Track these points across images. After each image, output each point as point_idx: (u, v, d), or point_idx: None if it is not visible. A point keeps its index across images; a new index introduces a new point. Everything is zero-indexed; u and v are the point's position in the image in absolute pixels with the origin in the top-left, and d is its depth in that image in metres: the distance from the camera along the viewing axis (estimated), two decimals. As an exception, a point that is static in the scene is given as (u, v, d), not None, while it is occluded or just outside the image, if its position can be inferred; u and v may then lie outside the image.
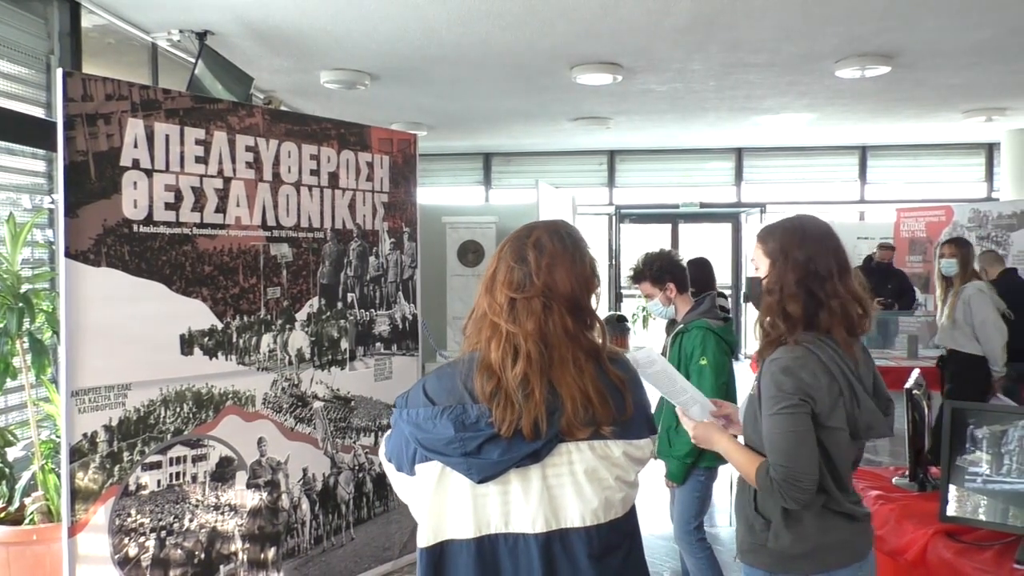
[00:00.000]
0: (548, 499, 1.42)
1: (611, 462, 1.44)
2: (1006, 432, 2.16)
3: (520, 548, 1.42)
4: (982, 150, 12.32)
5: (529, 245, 1.51)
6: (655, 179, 12.97)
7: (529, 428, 1.38)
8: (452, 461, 1.40)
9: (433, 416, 1.40)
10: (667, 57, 6.95)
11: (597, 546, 1.43)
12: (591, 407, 1.41)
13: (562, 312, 1.46)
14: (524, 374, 1.39)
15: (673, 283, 3.27)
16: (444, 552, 1.44)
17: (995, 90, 8.49)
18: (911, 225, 9.49)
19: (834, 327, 1.83)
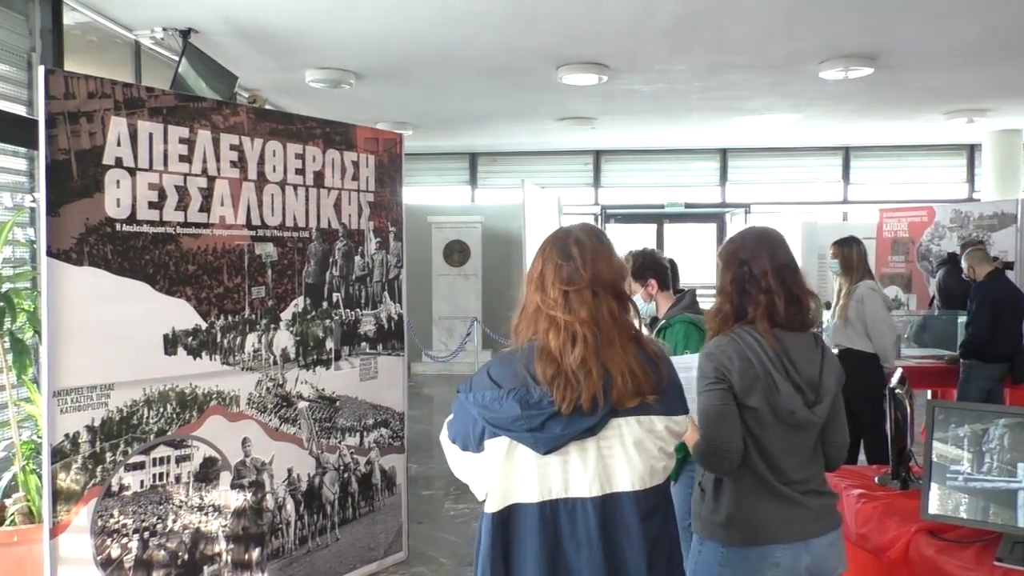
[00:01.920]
0: (603, 467, 1.63)
1: (655, 435, 1.66)
2: (987, 431, 2.19)
3: (578, 511, 1.63)
4: (964, 151, 12.44)
5: (571, 243, 1.72)
6: (640, 179, 13.01)
7: (589, 403, 1.59)
8: (519, 436, 1.61)
9: (500, 398, 1.62)
10: (652, 58, 6.97)
11: (644, 507, 1.64)
12: (636, 379, 1.62)
13: (608, 299, 1.68)
14: (582, 357, 1.61)
15: (655, 280, 3.31)
16: (512, 515, 1.65)
17: (976, 91, 8.58)
18: (893, 225, 9.56)
19: (758, 319, 2.04)
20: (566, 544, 1.63)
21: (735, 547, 2.01)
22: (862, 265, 4.97)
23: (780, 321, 2.04)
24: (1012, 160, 11.09)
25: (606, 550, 1.62)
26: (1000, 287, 5.70)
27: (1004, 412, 2.25)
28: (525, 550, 1.64)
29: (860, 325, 4.85)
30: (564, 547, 1.63)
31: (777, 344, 2.02)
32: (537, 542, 1.63)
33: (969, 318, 5.81)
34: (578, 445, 1.62)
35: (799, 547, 2.00)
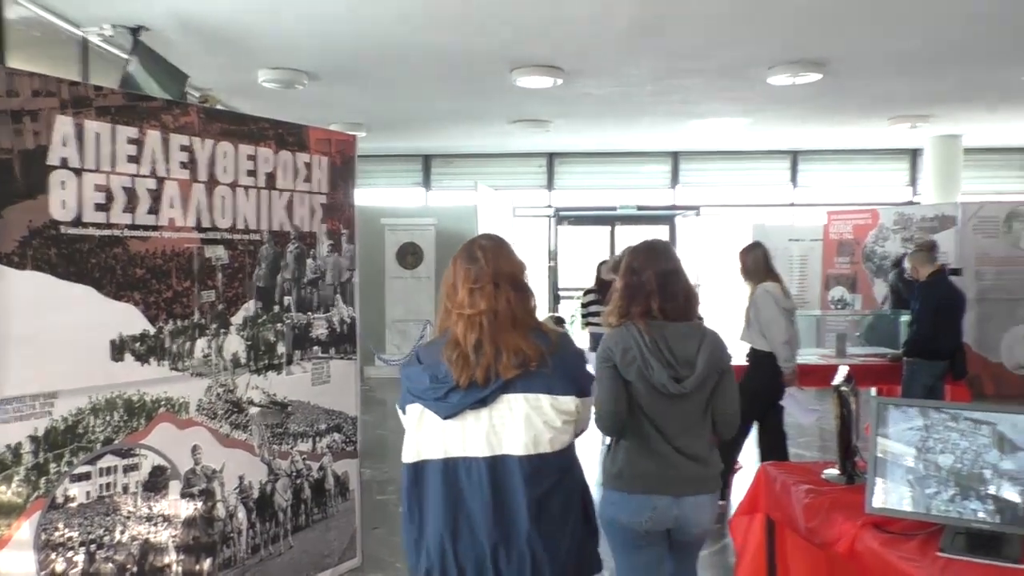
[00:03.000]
0: (493, 433, 1.99)
1: (541, 411, 1.99)
2: (929, 426, 2.26)
3: (472, 467, 1.99)
4: (907, 155, 12.80)
5: (476, 248, 2.12)
6: (594, 182, 13.11)
7: (482, 378, 1.97)
8: (427, 403, 2.01)
9: (419, 372, 2.04)
10: (606, 61, 7.04)
11: (528, 469, 1.98)
12: (522, 354, 1.99)
13: (507, 290, 2.06)
14: (477, 339, 2.00)
15: None
16: (423, 468, 2.03)
17: (918, 98, 8.84)
18: (840, 227, 9.80)
19: (637, 316, 2.58)
20: (465, 493, 1.99)
21: (623, 492, 2.55)
22: (759, 268, 5.11)
23: (658, 315, 2.56)
24: (952, 165, 11.45)
25: (495, 501, 1.98)
26: (942, 288, 5.87)
27: (945, 407, 2.32)
28: (434, 496, 2.01)
29: (757, 325, 5.02)
30: (464, 495, 2.00)
31: (653, 333, 2.53)
32: (441, 491, 2.00)
33: (913, 317, 5.98)
34: (474, 413, 1.99)
35: (670, 500, 2.49)
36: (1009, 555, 2.04)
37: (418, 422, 2.04)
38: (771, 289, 5.01)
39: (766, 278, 5.08)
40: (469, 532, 1.98)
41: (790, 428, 7.61)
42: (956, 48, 6.69)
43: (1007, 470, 2.12)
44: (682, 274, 2.63)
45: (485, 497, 1.97)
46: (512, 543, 1.97)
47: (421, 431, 2.03)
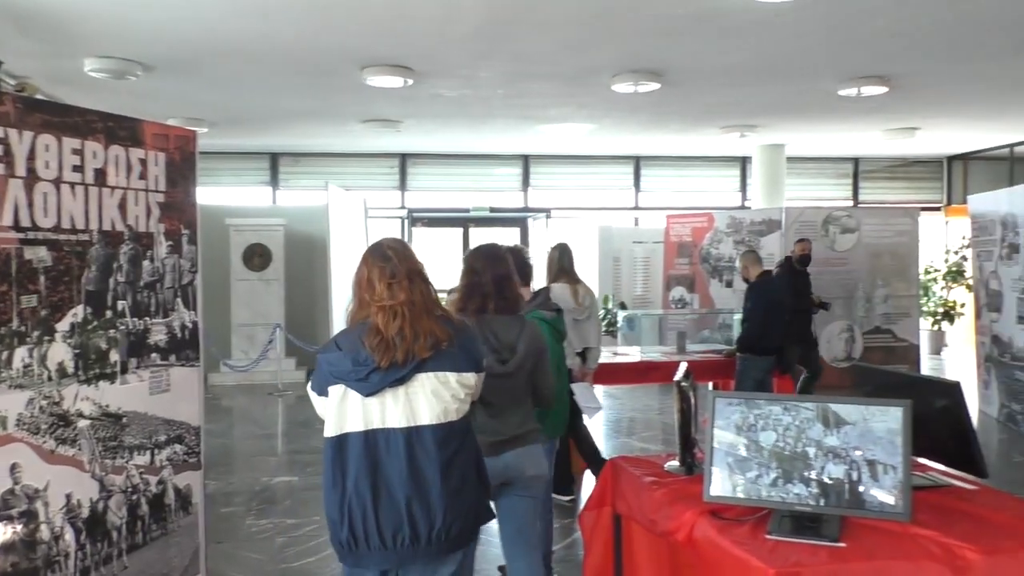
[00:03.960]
0: (409, 407, 2.30)
1: (448, 387, 2.33)
2: (760, 417, 2.42)
3: (391, 437, 2.29)
4: (737, 162, 13.67)
5: (386, 249, 2.42)
6: (447, 183, 13.14)
7: (402, 358, 2.28)
8: (350, 384, 2.30)
9: (340, 357, 2.32)
10: (456, 63, 7.07)
11: (439, 436, 2.31)
12: (435, 336, 2.31)
13: (419, 283, 2.38)
14: (400, 327, 2.29)
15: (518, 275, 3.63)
16: (345, 440, 2.31)
17: (747, 109, 9.46)
18: (679, 230, 10.31)
19: (471, 312, 2.96)
20: (383, 460, 2.29)
21: None
22: (553, 268, 5.32)
23: (490, 310, 2.96)
24: (777, 172, 12.34)
25: (411, 466, 2.29)
26: (770, 287, 6.32)
27: (774, 399, 2.50)
28: (355, 464, 2.30)
29: None
30: (382, 462, 2.29)
31: (483, 325, 2.92)
32: (363, 459, 2.29)
33: (744, 315, 6.39)
34: (392, 391, 2.29)
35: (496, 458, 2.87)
36: (829, 534, 2.21)
37: (340, 401, 2.32)
38: (555, 290, 5.18)
39: (558, 278, 5.24)
40: (387, 493, 2.29)
41: (636, 424, 7.96)
42: (780, 63, 7.22)
43: (831, 446, 2.31)
44: (513, 277, 3.09)
45: (402, 462, 2.28)
46: (425, 499, 2.29)
47: (343, 408, 2.31)
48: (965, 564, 2.08)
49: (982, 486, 2.71)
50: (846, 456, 2.29)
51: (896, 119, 10.07)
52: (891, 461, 2.25)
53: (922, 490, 2.55)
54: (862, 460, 2.27)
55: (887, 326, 9.38)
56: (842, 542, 2.17)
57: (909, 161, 13.94)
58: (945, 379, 2.77)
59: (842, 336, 9.27)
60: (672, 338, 7.92)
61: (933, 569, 2.07)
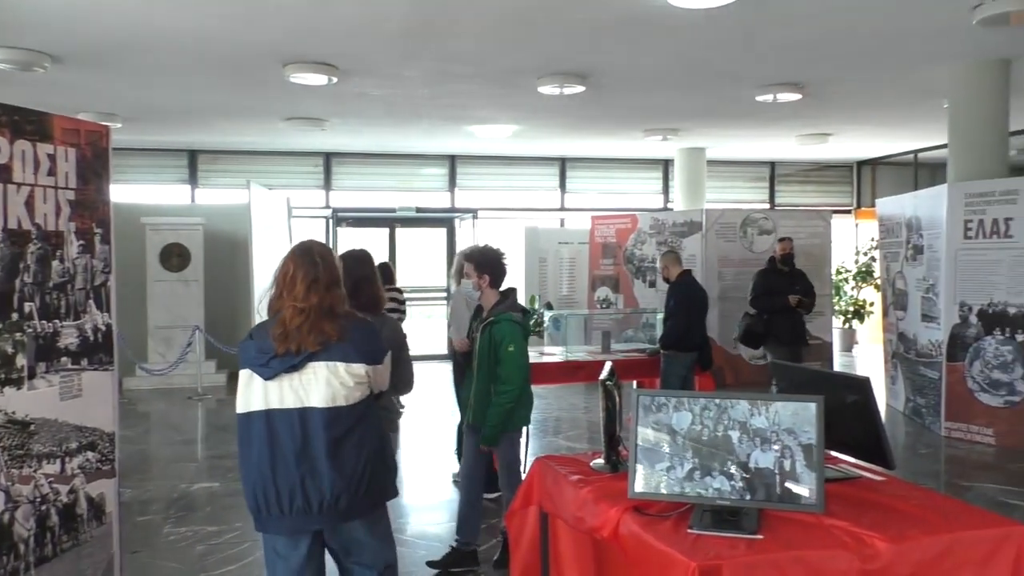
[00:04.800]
0: (303, 391, 2.62)
1: (338, 375, 2.63)
2: (682, 414, 2.48)
3: (287, 416, 2.62)
4: (660, 165, 13.95)
5: (316, 255, 2.73)
6: (372, 183, 13.01)
7: (296, 348, 2.61)
8: (255, 368, 2.64)
9: (250, 345, 2.68)
10: (382, 62, 7.01)
11: (327, 418, 2.61)
12: (325, 334, 2.63)
13: (333, 288, 2.72)
14: (300, 323, 2.62)
15: (489, 276, 4.09)
16: (250, 417, 2.64)
17: (669, 113, 9.67)
18: (604, 231, 10.46)
19: None
20: (281, 435, 2.61)
21: None
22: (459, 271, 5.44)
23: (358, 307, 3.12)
24: (698, 175, 12.65)
25: (303, 443, 2.60)
26: (691, 286, 6.47)
27: (696, 396, 2.56)
28: (258, 438, 2.62)
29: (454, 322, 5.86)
30: (280, 437, 2.61)
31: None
32: (264, 434, 2.62)
33: (667, 314, 6.52)
34: (288, 376, 2.62)
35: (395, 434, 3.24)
36: (748, 527, 2.28)
37: (247, 383, 2.66)
38: (465, 290, 5.36)
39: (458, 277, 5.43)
40: (284, 466, 2.61)
41: (562, 423, 8.04)
42: (700, 69, 7.41)
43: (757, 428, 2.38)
44: (372, 279, 3.41)
45: (295, 439, 2.60)
46: (315, 471, 2.60)
47: (249, 390, 2.65)
48: (874, 552, 2.18)
49: (890, 477, 2.84)
50: (773, 439, 2.36)
51: (810, 125, 10.46)
52: (806, 455, 2.33)
53: (834, 482, 2.66)
54: (784, 447, 2.35)
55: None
56: (760, 534, 2.24)
57: (822, 166, 14.49)
58: (855, 375, 2.89)
59: (760, 335, 9.55)
60: (597, 338, 8.03)
61: (844, 557, 2.16)
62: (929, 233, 7.58)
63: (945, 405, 7.18)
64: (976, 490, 5.62)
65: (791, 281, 7.45)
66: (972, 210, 6.99)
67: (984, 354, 6.86)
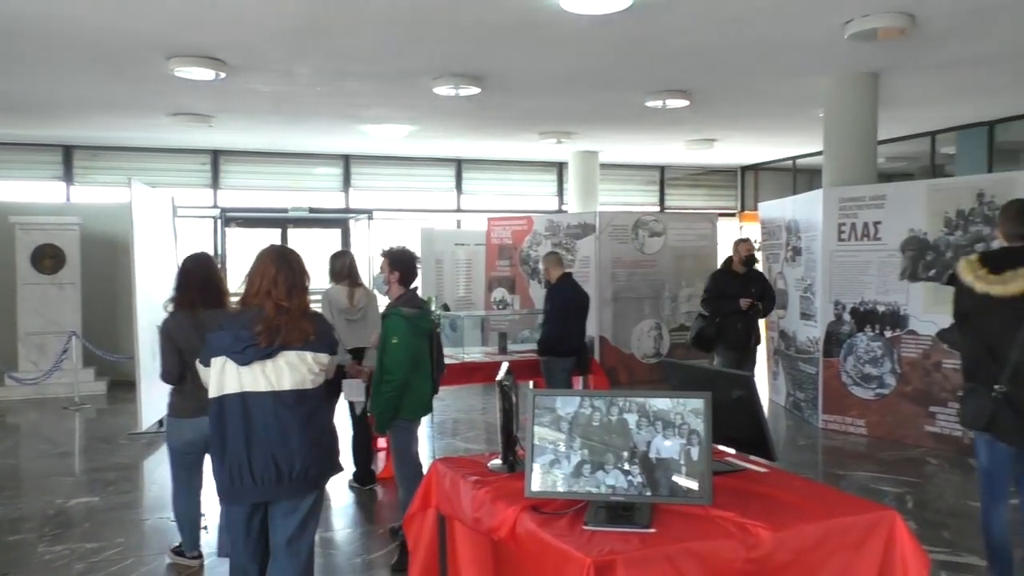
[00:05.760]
0: (275, 375, 2.95)
1: (304, 362, 2.99)
2: (576, 413, 2.52)
3: (260, 398, 2.94)
4: (555, 168, 14.16)
5: (292, 258, 3.10)
6: (263, 182, 12.65)
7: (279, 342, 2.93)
8: (230, 356, 2.92)
9: (224, 335, 2.95)
10: (272, 58, 6.83)
11: (296, 399, 2.97)
12: (306, 331, 2.99)
13: (304, 291, 3.07)
14: (284, 321, 2.95)
15: (399, 273, 4.34)
16: (225, 400, 2.94)
17: (563, 116, 9.82)
18: (500, 233, 10.52)
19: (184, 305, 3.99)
20: (254, 415, 2.93)
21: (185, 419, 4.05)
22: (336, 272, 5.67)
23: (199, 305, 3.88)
24: (591, 178, 12.92)
25: (276, 421, 2.94)
26: (569, 289, 6.42)
27: (590, 395, 2.61)
28: (233, 419, 2.93)
29: None
30: (253, 416, 2.93)
31: (196, 317, 3.83)
32: (239, 414, 2.93)
33: (545, 318, 6.52)
34: (261, 363, 2.93)
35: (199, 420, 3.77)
36: (640, 521, 2.35)
37: (221, 369, 2.94)
38: (331, 292, 5.43)
39: (340, 281, 5.56)
40: (259, 440, 2.93)
41: (460, 424, 8.04)
42: (593, 74, 7.56)
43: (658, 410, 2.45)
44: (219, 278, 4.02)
45: (268, 417, 2.93)
46: (286, 446, 2.95)
47: (223, 375, 2.94)
48: (757, 541, 2.28)
49: (772, 468, 2.98)
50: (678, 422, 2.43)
51: (697, 131, 10.85)
52: (694, 449, 2.42)
53: (721, 475, 2.77)
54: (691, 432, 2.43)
55: (691, 324, 10.05)
56: (653, 528, 2.31)
57: (708, 170, 15.06)
58: (739, 372, 3.02)
59: (651, 334, 9.85)
60: (494, 339, 8.07)
61: (730, 547, 2.26)
62: (807, 235, 7.99)
63: (822, 399, 7.59)
64: (850, 478, 5.96)
65: (746, 283, 6.97)
66: (845, 214, 7.41)
67: (856, 350, 7.29)
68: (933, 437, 6.71)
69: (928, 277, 6.75)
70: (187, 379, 3.85)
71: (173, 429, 4.10)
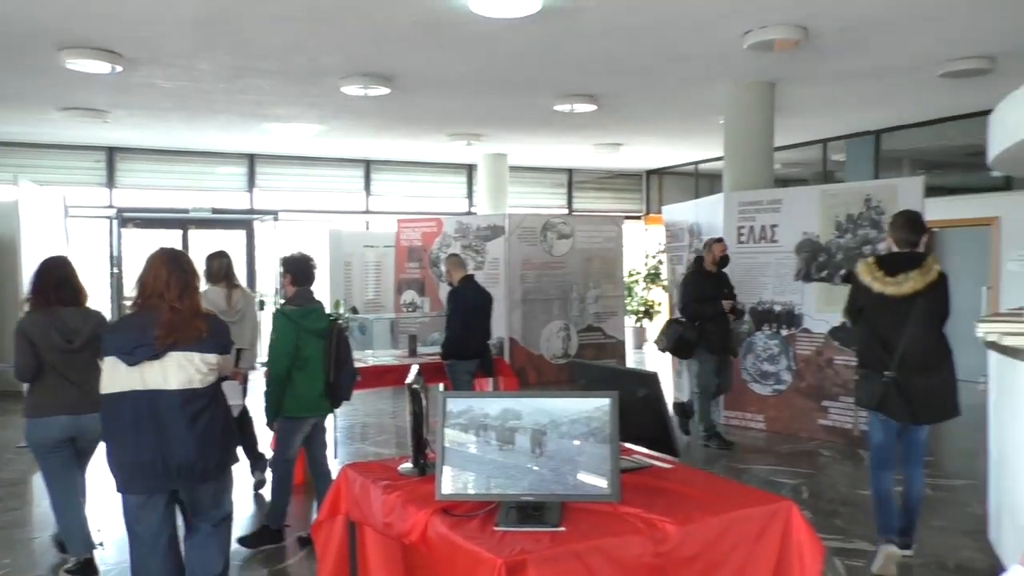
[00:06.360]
0: (162, 375, 3.07)
1: (192, 363, 3.11)
2: (486, 415, 2.54)
3: (149, 396, 3.06)
4: (464, 170, 14.16)
5: (183, 261, 3.22)
6: (163, 181, 12.20)
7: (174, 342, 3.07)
8: (120, 356, 3.05)
9: (117, 336, 3.13)
10: (173, 52, 6.60)
11: (183, 398, 3.10)
12: (198, 330, 3.12)
13: (196, 291, 3.22)
14: (179, 322, 3.08)
15: (291, 275, 4.52)
16: (115, 397, 3.06)
17: (473, 118, 9.85)
18: (409, 235, 10.45)
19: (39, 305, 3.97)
20: (143, 412, 3.06)
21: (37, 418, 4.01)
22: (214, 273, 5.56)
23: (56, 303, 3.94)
24: (500, 180, 12.99)
25: (166, 417, 3.07)
26: (471, 291, 6.39)
27: (499, 396, 2.63)
28: (124, 415, 3.07)
29: None
30: (142, 413, 3.06)
31: (53, 315, 3.92)
32: (130, 411, 3.07)
33: (447, 321, 6.50)
34: (149, 363, 3.05)
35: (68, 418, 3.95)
36: (550, 520, 2.38)
37: (113, 368, 3.07)
38: (208, 294, 5.32)
39: (218, 283, 5.50)
40: (147, 436, 3.06)
41: (369, 429, 7.94)
42: (502, 76, 7.62)
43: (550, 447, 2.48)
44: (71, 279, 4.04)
45: (156, 414, 3.07)
46: (175, 442, 3.09)
47: (114, 374, 3.07)
48: (663, 535, 2.35)
49: (677, 464, 3.07)
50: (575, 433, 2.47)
51: (603, 135, 11.07)
52: (602, 448, 2.47)
53: (628, 472, 2.83)
54: (584, 440, 2.47)
55: (598, 324, 10.23)
56: (563, 527, 2.34)
57: (615, 174, 15.37)
58: (645, 371, 3.09)
59: (560, 334, 9.96)
60: (404, 341, 8.00)
61: (638, 542, 2.31)
62: (708, 238, 8.24)
63: (724, 396, 7.85)
64: (750, 472, 6.19)
65: (720, 285, 6.89)
66: (744, 217, 7.70)
67: (755, 348, 7.58)
68: (826, 430, 7.04)
69: (820, 278, 7.07)
70: (46, 376, 3.93)
71: (29, 430, 4.03)
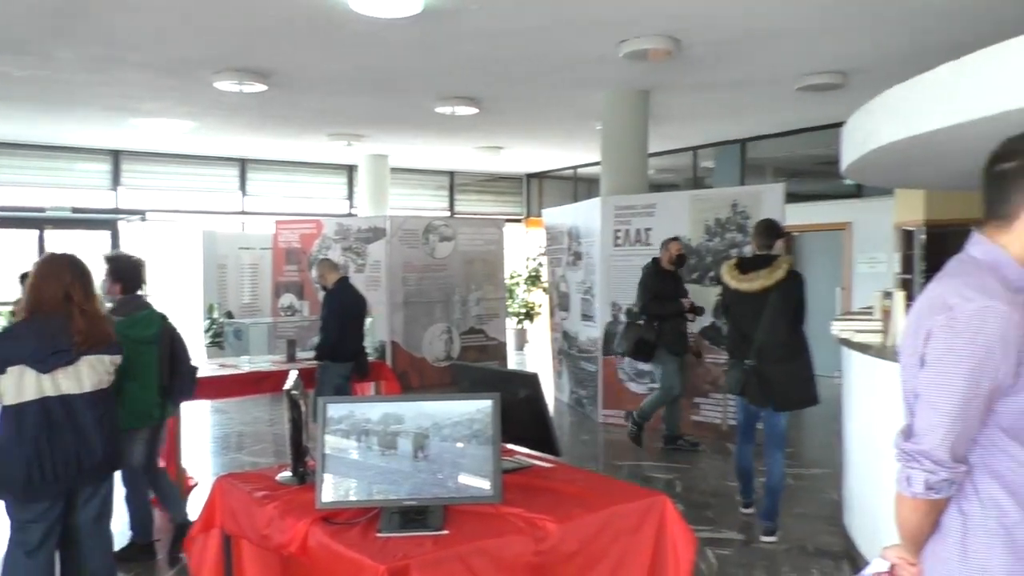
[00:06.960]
0: (76, 379, 3.21)
1: (103, 364, 3.31)
2: (367, 420, 2.50)
3: (64, 401, 3.19)
4: (345, 170, 13.92)
5: (82, 265, 3.30)
6: (17, 178, 11.35)
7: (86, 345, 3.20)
8: (29, 363, 3.11)
9: (18, 345, 3.14)
10: (27, 38, 6.16)
11: (93, 399, 3.27)
12: (107, 332, 3.32)
13: (96, 295, 3.33)
14: (90, 326, 3.22)
15: (120, 283, 4.41)
16: (25, 406, 3.12)
17: (353, 118, 9.70)
18: (288, 236, 10.18)
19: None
20: (55, 416, 3.16)
21: None
22: None
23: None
24: (382, 181, 12.86)
25: (79, 419, 3.22)
26: (346, 294, 6.33)
27: (381, 400, 2.61)
28: (34, 422, 3.12)
29: None
30: (54, 418, 3.16)
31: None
32: (40, 418, 3.14)
33: (322, 323, 6.40)
34: (63, 370, 3.17)
35: None
36: (433, 524, 2.38)
37: (20, 376, 3.11)
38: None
39: None
40: (61, 439, 3.18)
41: (245, 438, 7.68)
42: (382, 76, 7.55)
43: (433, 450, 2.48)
44: None
45: (72, 416, 3.20)
46: (88, 442, 3.25)
47: (23, 383, 3.11)
48: (545, 533, 2.39)
49: (558, 463, 3.14)
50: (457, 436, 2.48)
51: (485, 138, 11.15)
52: (484, 450, 2.49)
53: (510, 473, 2.87)
54: (466, 442, 2.48)
55: (480, 326, 10.29)
56: (446, 530, 2.35)
57: (496, 177, 15.51)
58: (526, 372, 3.14)
59: (442, 337, 9.95)
60: (282, 346, 7.79)
61: (520, 542, 2.35)
62: (586, 241, 8.46)
63: (602, 395, 8.07)
64: (627, 468, 6.39)
65: (677, 284, 6.84)
66: (620, 221, 7.94)
67: (632, 348, 7.81)
68: (697, 426, 7.35)
69: (692, 280, 7.38)
70: None
71: None
